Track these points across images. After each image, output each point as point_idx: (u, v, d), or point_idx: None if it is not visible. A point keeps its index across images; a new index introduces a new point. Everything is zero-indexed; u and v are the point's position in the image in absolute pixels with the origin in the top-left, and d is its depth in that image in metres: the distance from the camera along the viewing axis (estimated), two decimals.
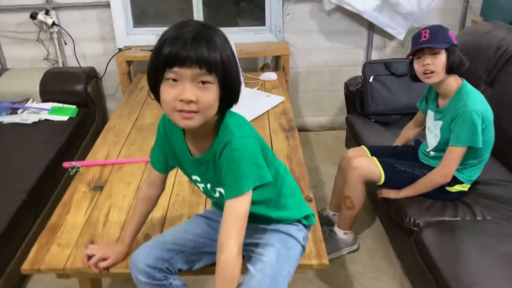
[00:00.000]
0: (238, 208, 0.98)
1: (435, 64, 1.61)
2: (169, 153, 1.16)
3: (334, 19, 2.90)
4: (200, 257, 1.24)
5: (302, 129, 3.16)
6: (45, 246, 1.31)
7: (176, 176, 1.62)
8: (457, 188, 1.76)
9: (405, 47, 2.99)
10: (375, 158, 1.86)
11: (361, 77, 2.51)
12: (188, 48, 0.88)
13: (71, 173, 1.69)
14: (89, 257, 1.25)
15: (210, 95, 0.92)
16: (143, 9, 2.99)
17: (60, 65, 2.91)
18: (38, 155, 2.15)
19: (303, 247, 1.23)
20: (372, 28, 2.93)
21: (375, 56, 3.02)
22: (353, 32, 2.96)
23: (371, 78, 2.44)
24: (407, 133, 2.07)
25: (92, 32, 2.88)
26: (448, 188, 1.76)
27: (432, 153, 1.83)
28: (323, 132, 3.24)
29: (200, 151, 1.07)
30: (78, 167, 1.70)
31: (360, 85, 2.49)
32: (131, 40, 2.89)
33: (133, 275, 1.18)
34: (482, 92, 1.81)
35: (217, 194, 1.13)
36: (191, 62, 0.88)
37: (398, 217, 1.76)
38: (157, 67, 0.92)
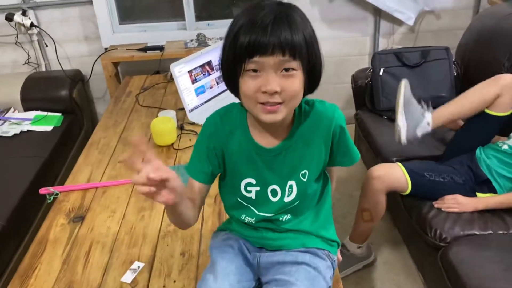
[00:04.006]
0: None
1: None
2: (217, 156, 0.99)
3: (337, 6, 2.67)
4: None
5: None
6: None
7: None
8: (487, 195, 1.59)
9: (415, 32, 2.75)
10: (400, 164, 1.65)
11: (370, 69, 2.28)
12: (269, 33, 0.80)
13: (49, 201, 1.50)
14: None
15: (295, 83, 0.85)
16: (129, 4, 2.76)
17: (43, 69, 2.70)
18: (19, 173, 1.95)
19: None
20: (378, 13, 2.69)
21: (383, 44, 2.79)
22: (358, 19, 2.72)
23: (381, 70, 2.21)
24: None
25: (75, 31, 2.66)
26: (479, 194, 1.59)
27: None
28: None
29: (278, 140, 0.96)
30: (57, 193, 1.51)
31: (369, 79, 2.27)
32: (118, 39, 2.67)
33: None
34: None
35: (281, 193, 0.99)
36: (273, 49, 0.80)
37: (422, 229, 1.58)
38: (234, 58, 0.83)
